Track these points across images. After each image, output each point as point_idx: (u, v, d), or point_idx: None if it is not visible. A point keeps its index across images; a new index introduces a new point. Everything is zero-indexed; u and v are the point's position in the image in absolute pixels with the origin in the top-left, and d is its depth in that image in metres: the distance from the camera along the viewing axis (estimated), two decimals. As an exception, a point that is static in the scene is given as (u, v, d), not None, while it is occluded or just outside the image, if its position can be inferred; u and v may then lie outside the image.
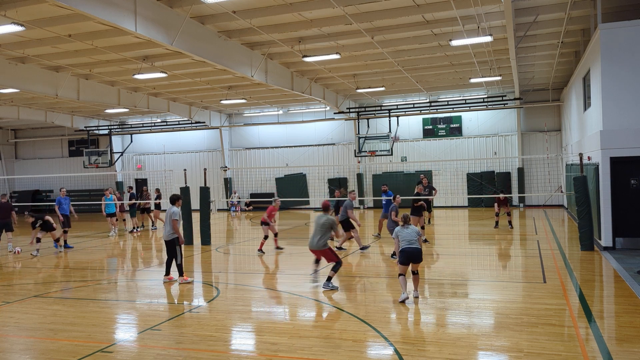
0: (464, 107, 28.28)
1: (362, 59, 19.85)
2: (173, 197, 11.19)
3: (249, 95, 26.37)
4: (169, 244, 10.96)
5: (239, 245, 17.36)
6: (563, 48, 19.10)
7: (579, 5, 15.00)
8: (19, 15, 13.06)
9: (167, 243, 10.99)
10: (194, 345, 6.93)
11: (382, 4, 13.99)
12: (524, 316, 7.77)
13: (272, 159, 32.73)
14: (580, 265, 11.68)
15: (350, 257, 13.57)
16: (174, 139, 34.64)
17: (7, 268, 13.74)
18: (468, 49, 18.30)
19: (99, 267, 13.79)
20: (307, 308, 8.83)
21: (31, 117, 28.69)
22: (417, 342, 6.77)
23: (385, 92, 27.21)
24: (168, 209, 11.01)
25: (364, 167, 30.94)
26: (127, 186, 30.87)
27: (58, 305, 9.40)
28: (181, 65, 19.42)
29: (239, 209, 31.90)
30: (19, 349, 7.16)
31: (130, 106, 25.49)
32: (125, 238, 19.91)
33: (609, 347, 6.38)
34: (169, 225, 10.85)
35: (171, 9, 13.68)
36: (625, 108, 13.37)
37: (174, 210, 10.89)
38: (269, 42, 17.35)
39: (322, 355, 6.41)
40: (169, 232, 10.87)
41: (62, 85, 20.42)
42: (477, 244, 16.15)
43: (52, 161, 37.13)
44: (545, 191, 26.70)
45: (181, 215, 11.62)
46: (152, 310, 9.00)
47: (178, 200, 11.18)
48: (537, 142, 28.08)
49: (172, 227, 10.81)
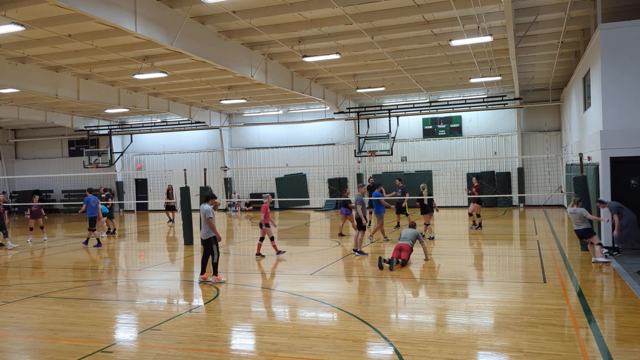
0: (464, 107, 28.29)
1: (362, 59, 19.85)
2: (206, 195, 11.08)
3: (249, 95, 26.37)
4: (206, 242, 10.86)
5: (239, 245, 17.36)
6: (563, 48, 19.11)
7: (579, 5, 15.00)
8: (19, 15, 13.06)
9: (204, 242, 10.90)
10: (194, 345, 6.93)
11: (382, 4, 13.99)
12: (524, 316, 7.77)
13: (272, 159, 32.74)
14: (580, 265, 11.68)
15: (350, 257, 13.57)
16: (174, 139, 34.64)
17: (5, 268, 13.75)
18: (468, 49, 18.30)
19: (95, 267, 13.79)
20: (307, 308, 8.83)
21: (31, 117, 28.70)
22: (417, 342, 6.77)
23: (385, 92, 27.21)
24: (201, 208, 10.97)
25: (364, 167, 30.94)
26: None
27: (58, 305, 9.40)
28: (181, 65, 19.43)
29: (238, 209, 31.91)
30: (19, 349, 7.16)
31: (130, 106, 25.49)
32: (121, 239, 19.90)
33: (609, 347, 6.38)
34: (205, 224, 10.79)
35: (171, 9, 13.68)
36: (625, 108, 13.37)
37: (208, 209, 10.79)
38: (269, 42, 17.35)
39: (322, 355, 6.41)
40: (206, 230, 10.79)
41: (62, 85, 20.42)
42: (477, 244, 16.13)
43: (52, 161, 37.13)
44: (545, 191, 26.71)
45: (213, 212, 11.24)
46: (152, 310, 9.00)
47: (211, 198, 11.04)
48: (537, 142, 28.09)
49: (208, 226, 10.75)
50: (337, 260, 13.31)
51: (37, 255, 15.90)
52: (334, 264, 12.74)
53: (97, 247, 16.90)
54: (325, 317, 8.35)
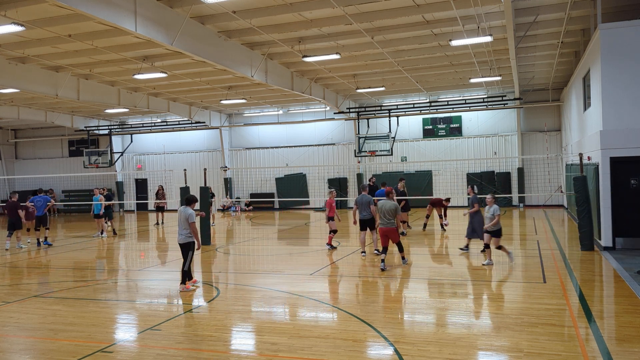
0: (464, 107, 28.28)
1: (362, 59, 19.84)
2: (189, 198, 10.42)
3: (249, 95, 26.37)
4: (184, 247, 10.21)
5: (239, 245, 17.36)
6: (563, 48, 19.10)
7: (579, 5, 15.00)
8: (19, 15, 13.06)
9: (182, 246, 10.23)
10: (194, 345, 6.93)
11: (382, 4, 13.99)
12: (524, 316, 7.77)
13: (272, 159, 32.73)
14: (580, 265, 11.68)
15: (350, 257, 13.57)
16: (174, 139, 34.64)
17: (4, 268, 13.75)
18: (468, 49, 18.30)
19: (94, 267, 13.80)
20: (307, 308, 8.83)
21: (31, 117, 28.69)
22: (417, 342, 6.77)
23: (385, 92, 27.21)
24: (182, 211, 10.20)
25: (364, 167, 30.94)
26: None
27: (58, 305, 9.40)
28: (181, 65, 19.42)
29: (238, 209, 31.91)
30: (19, 349, 7.16)
31: (130, 106, 25.49)
32: (121, 239, 19.91)
33: (609, 347, 6.38)
34: (187, 228, 10.11)
35: (171, 9, 13.68)
36: (625, 108, 13.37)
37: (191, 213, 10.12)
38: (269, 42, 17.35)
39: (322, 355, 6.41)
40: (187, 234, 10.15)
41: (62, 85, 20.41)
42: (477, 244, 16.12)
43: (52, 161, 37.12)
44: (545, 191, 26.71)
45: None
46: (152, 310, 9.00)
47: (193, 202, 10.40)
48: (537, 142, 28.08)
49: (190, 230, 10.11)
50: (337, 260, 13.31)
51: (35, 255, 15.89)
52: (334, 264, 12.74)
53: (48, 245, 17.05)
54: (325, 317, 8.35)
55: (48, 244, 17.46)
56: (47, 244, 17.44)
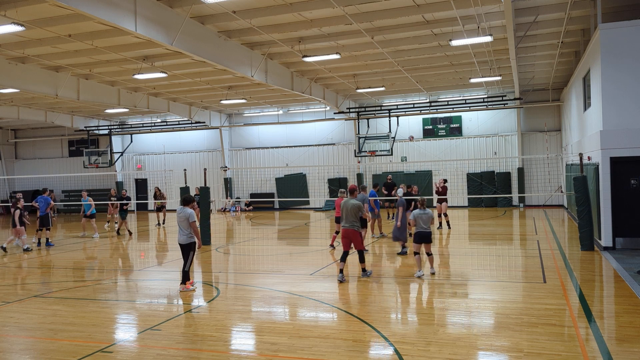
0: (464, 107, 28.28)
1: (362, 59, 19.84)
2: (187, 199, 10.36)
3: (249, 95, 26.37)
4: (185, 247, 10.16)
5: (239, 245, 17.36)
6: (563, 48, 19.10)
7: (579, 5, 15.00)
8: (19, 15, 13.06)
9: (183, 247, 10.18)
10: (194, 345, 6.93)
11: (382, 4, 13.99)
12: (524, 316, 7.77)
13: (272, 159, 32.73)
14: (580, 265, 11.68)
15: (350, 257, 13.56)
16: (174, 139, 34.64)
17: (6, 268, 13.75)
18: (468, 49, 18.30)
19: (94, 267, 13.80)
20: (307, 308, 8.83)
21: (31, 117, 28.69)
22: (417, 342, 6.77)
23: (385, 92, 27.21)
24: (182, 212, 10.14)
25: (364, 167, 30.94)
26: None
27: (58, 305, 9.40)
28: (181, 65, 19.42)
29: (238, 209, 31.91)
30: (19, 349, 7.15)
31: (130, 106, 25.49)
32: (121, 239, 19.91)
33: (609, 347, 6.38)
34: (188, 228, 10.08)
35: (171, 9, 13.68)
36: (625, 108, 13.37)
37: (191, 212, 10.15)
38: (269, 42, 17.35)
39: (322, 355, 6.41)
40: (188, 235, 10.12)
41: (62, 85, 20.42)
42: (477, 243, 16.14)
43: (52, 161, 37.13)
44: (545, 191, 26.70)
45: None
46: (152, 310, 9.00)
47: (191, 202, 10.36)
48: (537, 142, 28.08)
49: (191, 231, 10.09)
50: (337, 260, 13.29)
51: (35, 255, 15.89)
52: (334, 264, 12.73)
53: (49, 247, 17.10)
54: (325, 317, 8.35)
55: (50, 244, 17.42)
56: (49, 244, 17.41)
